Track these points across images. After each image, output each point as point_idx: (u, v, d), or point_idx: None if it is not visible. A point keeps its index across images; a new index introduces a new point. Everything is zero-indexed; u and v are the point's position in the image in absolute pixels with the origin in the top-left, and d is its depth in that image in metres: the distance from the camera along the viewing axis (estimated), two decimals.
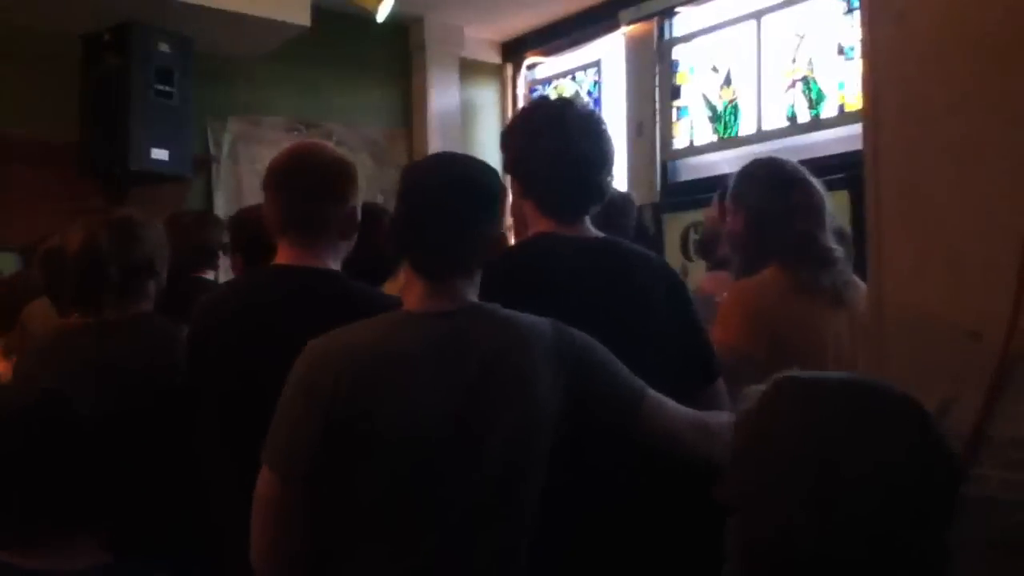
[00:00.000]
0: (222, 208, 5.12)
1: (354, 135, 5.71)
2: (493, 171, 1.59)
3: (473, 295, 1.55)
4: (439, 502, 1.44)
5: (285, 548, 1.46)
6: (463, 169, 1.58)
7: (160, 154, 4.50)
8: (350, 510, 1.47)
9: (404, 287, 1.57)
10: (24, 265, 3.98)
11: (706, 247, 2.97)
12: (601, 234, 1.87)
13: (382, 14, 3.94)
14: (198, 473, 1.86)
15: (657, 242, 5.09)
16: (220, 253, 3.19)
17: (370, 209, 2.10)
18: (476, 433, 1.45)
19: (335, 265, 1.89)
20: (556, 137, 1.79)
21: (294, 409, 1.46)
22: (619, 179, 5.53)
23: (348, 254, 1.94)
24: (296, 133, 5.51)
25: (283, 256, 1.86)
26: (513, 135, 1.89)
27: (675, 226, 4.94)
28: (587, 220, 1.84)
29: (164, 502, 1.89)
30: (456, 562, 1.44)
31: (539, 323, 1.54)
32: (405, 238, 1.54)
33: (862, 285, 2.05)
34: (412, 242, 1.53)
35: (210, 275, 3.12)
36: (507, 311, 1.55)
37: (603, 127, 1.87)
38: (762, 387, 1.15)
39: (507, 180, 1.82)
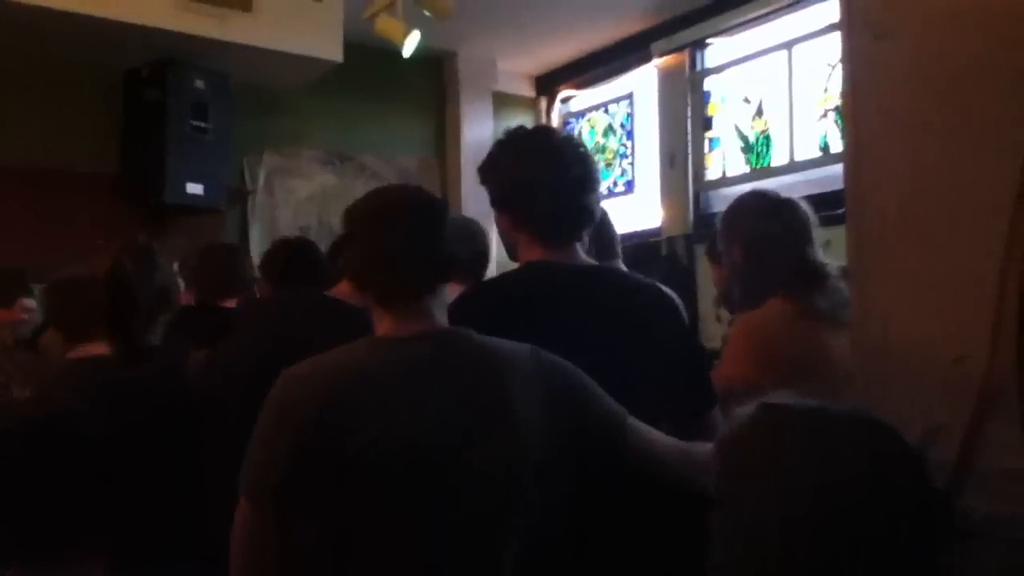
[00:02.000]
0: (257, 240, 5.20)
1: (388, 167, 5.76)
2: (429, 192, 1.66)
3: (442, 315, 1.56)
4: (419, 522, 1.43)
5: None
6: (409, 194, 1.64)
7: (195, 188, 4.60)
8: (332, 534, 1.45)
9: (375, 322, 1.58)
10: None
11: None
12: (593, 261, 1.86)
13: (408, 48, 3.98)
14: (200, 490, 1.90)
15: (689, 273, 5.06)
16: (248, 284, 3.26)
17: None
18: (457, 454, 1.44)
19: None
20: (553, 165, 1.79)
21: (266, 432, 1.46)
22: (652, 210, 5.51)
23: None
24: (331, 166, 5.59)
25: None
26: (504, 166, 1.84)
27: None
28: (578, 246, 1.83)
29: (168, 521, 1.91)
30: None
31: (518, 349, 1.54)
32: (374, 269, 1.56)
33: None
34: (382, 271, 1.55)
35: (232, 304, 3.17)
36: (485, 337, 1.54)
37: (587, 150, 1.88)
38: (748, 410, 1.13)
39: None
